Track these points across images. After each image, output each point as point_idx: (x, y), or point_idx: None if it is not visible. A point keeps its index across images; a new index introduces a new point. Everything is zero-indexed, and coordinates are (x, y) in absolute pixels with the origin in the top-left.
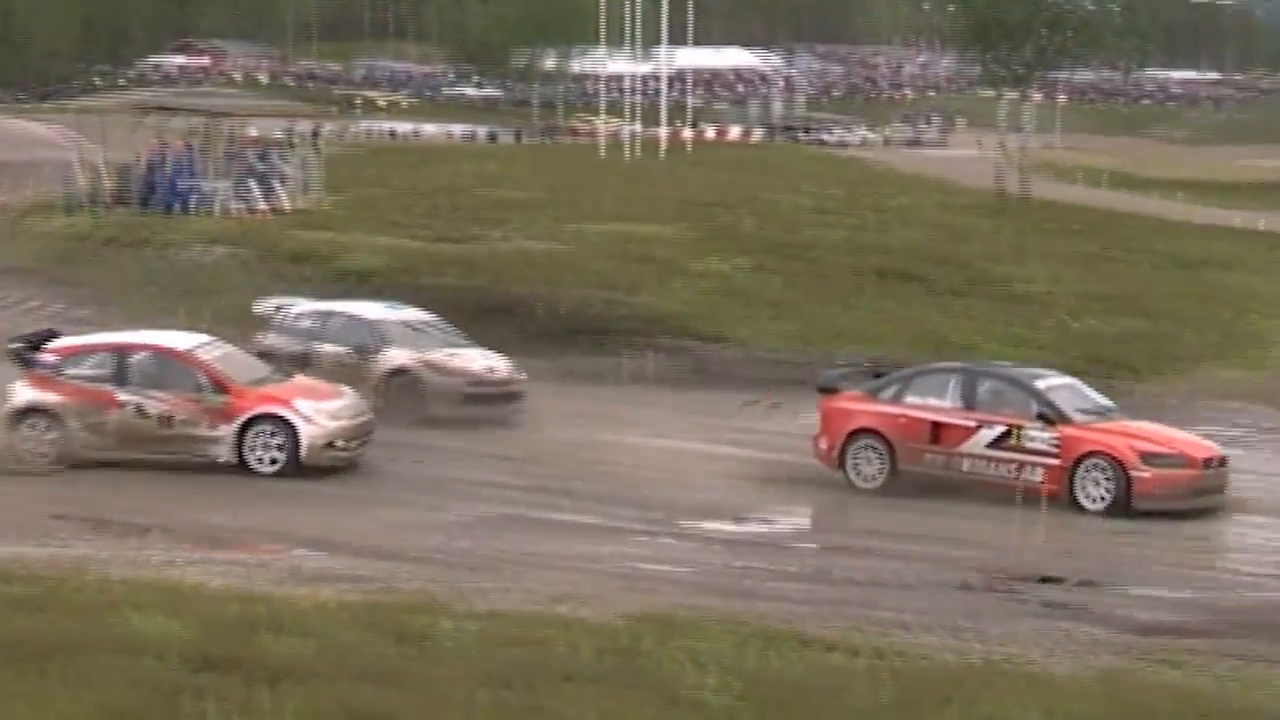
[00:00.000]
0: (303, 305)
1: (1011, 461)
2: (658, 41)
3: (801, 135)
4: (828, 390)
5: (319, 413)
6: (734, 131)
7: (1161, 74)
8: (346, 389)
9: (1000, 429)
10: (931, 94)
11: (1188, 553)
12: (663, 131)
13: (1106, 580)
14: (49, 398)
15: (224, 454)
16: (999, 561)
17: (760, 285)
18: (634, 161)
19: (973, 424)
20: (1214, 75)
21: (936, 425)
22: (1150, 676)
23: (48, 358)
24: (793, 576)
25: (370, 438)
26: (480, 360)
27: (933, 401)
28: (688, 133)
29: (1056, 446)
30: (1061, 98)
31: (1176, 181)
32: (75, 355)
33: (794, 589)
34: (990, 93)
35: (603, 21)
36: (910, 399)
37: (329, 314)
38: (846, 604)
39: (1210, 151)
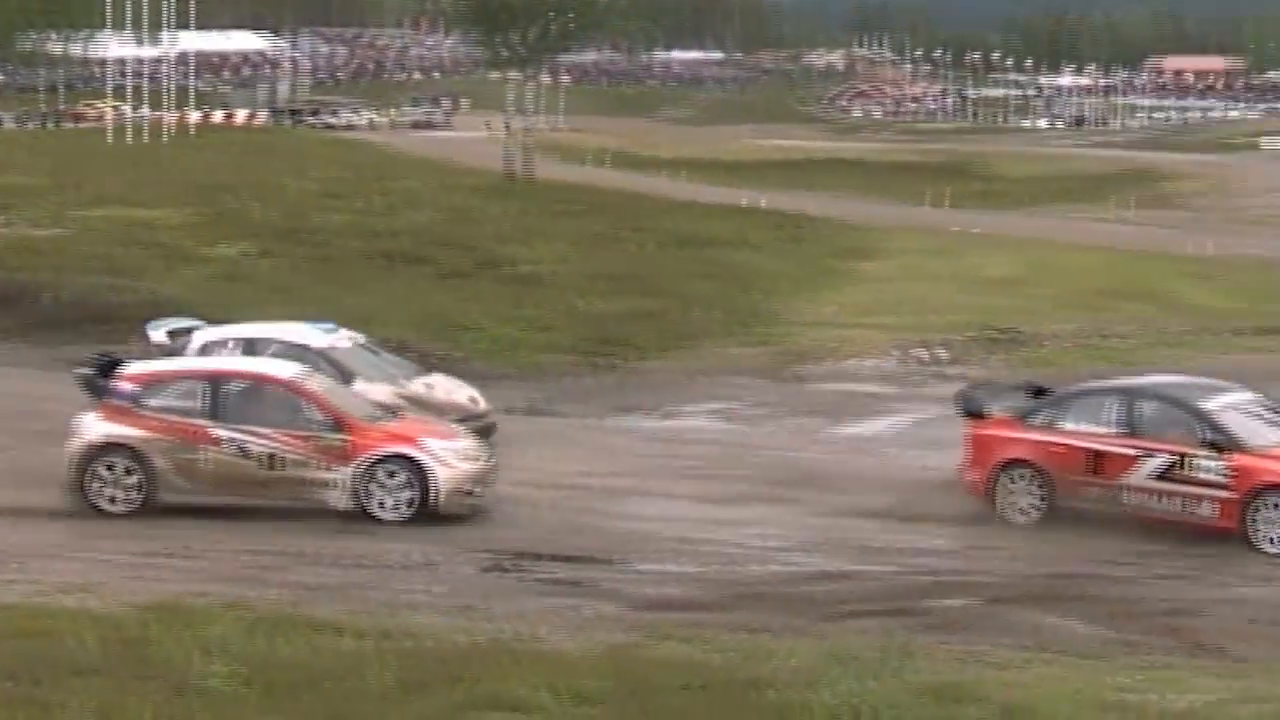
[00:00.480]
0: (211, 331)
1: (1180, 495)
2: (163, 25)
3: (309, 119)
4: (974, 414)
5: (451, 453)
6: (241, 115)
7: (667, 55)
8: (460, 427)
9: (1166, 458)
10: (438, 76)
11: (694, 527)
12: (169, 116)
13: (615, 557)
14: (130, 433)
15: (340, 499)
16: (509, 541)
17: (267, 270)
18: (140, 146)
19: (1135, 452)
20: (719, 55)
21: (1095, 454)
22: (658, 651)
23: (123, 385)
24: (304, 560)
25: (494, 482)
26: (459, 390)
27: (1090, 427)
28: (194, 117)
29: (1230, 477)
30: (568, 79)
31: (682, 161)
32: (157, 383)
33: (305, 573)
34: (497, 75)
35: (108, 4)
36: (1066, 425)
37: (256, 341)
38: (357, 587)
39: (715, 131)
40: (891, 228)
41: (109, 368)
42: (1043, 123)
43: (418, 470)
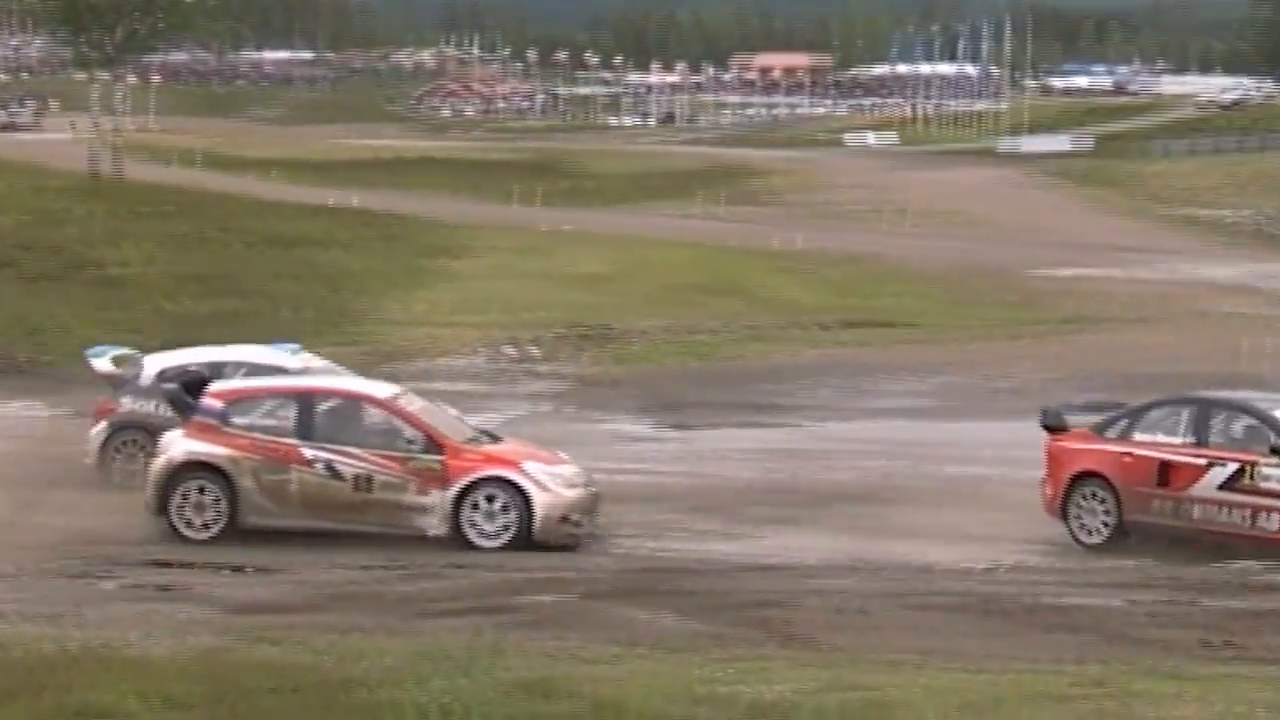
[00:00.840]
0: (167, 356)
1: (1245, 506)
2: None
3: None
4: (1054, 428)
5: (553, 478)
6: None
7: (258, 55)
8: (564, 454)
9: (1232, 467)
10: (26, 76)
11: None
12: None
13: (207, 561)
14: (216, 451)
15: (435, 525)
16: (98, 547)
17: None
18: None
19: (1203, 462)
20: (308, 55)
21: (1164, 465)
22: (247, 653)
23: (210, 402)
24: None
25: (599, 513)
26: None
27: (1162, 438)
28: None
29: None
30: (156, 79)
31: (272, 161)
32: (245, 400)
33: None
34: (83, 75)
35: None
36: (1139, 435)
37: (222, 365)
38: None
39: (306, 131)
40: (482, 226)
41: (198, 385)
42: (629, 120)
43: (518, 495)
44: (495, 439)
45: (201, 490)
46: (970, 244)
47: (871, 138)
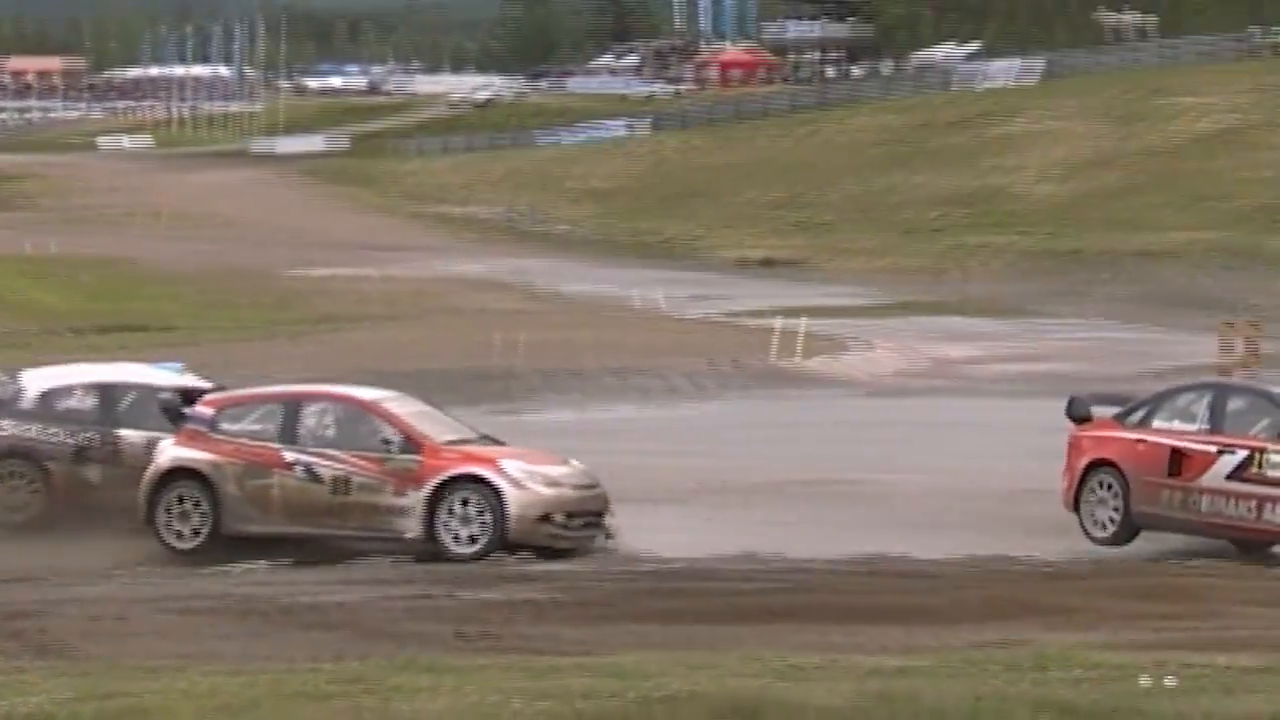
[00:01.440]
0: (49, 374)
1: (1251, 497)
2: None
3: None
4: (1079, 418)
5: (531, 476)
6: None
7: None
8: (573, 460)
9: (1241, 454)
10: None
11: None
12: None
13: None
14: (199, 457)
15: (412, 528)
16: None
17: None
18: None
19: (1214, 449)
20: None
21: (1175, 452)
22: None
23: (202, 410)
24: None
25: (604, 518)
26: None
27: (1178, 424)
28: None
29: None
30: None
31: None
32: (235, 407)
33: None
34: None
35: None
36: (1157, 423)
37: (110, 387)
38: None
39: None
40: None
41: (194, 396)
42: None
43: (491, 493)
44: (497, 443)
45: (183, 499)
46: (225, 245)
47: (126, 141)
